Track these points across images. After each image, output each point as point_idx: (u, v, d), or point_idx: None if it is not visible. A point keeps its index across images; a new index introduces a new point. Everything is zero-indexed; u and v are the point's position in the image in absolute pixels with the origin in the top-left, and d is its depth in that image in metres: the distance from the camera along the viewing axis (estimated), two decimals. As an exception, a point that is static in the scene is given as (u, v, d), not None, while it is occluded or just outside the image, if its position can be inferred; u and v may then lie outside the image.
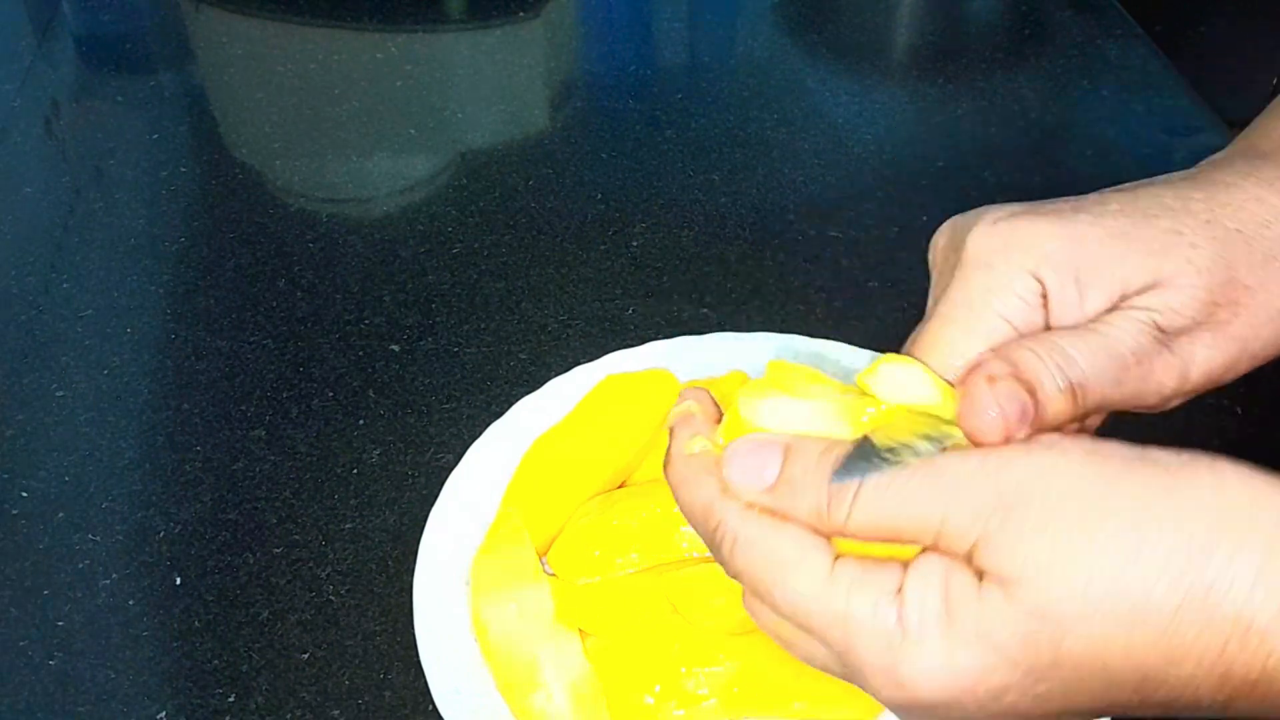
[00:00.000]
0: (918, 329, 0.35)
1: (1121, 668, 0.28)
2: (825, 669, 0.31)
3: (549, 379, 0.52)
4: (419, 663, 0.42)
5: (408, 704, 0.43)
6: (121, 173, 0.69)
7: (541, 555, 0.46)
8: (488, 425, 0.50)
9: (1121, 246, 0.33)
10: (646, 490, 0.47)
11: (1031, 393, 0.31)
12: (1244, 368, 0.34)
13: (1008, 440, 0.30)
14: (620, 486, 0.49)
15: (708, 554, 0.45)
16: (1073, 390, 0.31)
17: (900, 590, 0.29)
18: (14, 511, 0.50)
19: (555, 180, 0.68)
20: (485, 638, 0.43)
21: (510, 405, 0.51)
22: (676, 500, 0.33)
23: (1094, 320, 0.33)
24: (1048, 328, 0.34)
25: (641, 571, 0.45)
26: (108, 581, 0.47)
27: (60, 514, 0.50)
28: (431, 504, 0.47)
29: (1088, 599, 0.27)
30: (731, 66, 0.80)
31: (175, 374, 0.56)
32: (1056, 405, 0.31)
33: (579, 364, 0.52)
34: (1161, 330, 0.33)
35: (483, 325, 0.58)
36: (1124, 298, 0.33)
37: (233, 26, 0.84)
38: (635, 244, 0.63)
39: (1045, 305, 0.33)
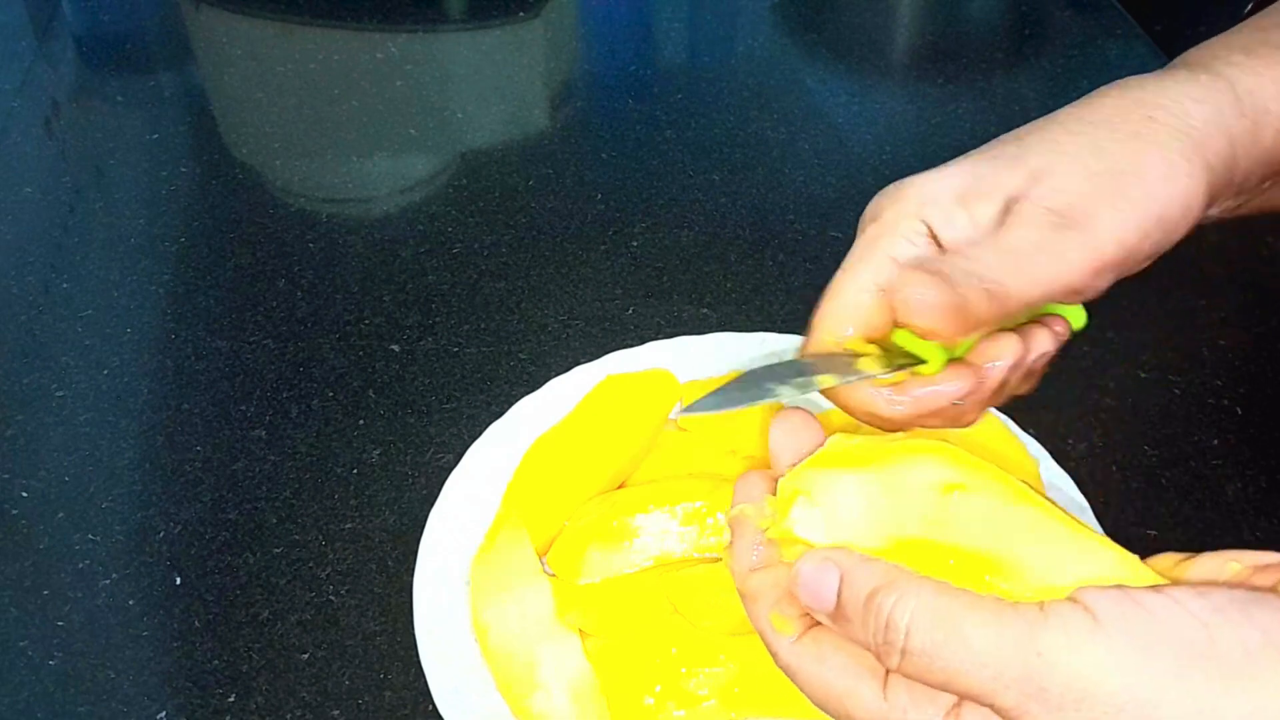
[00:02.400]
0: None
1: None
2: None
3: (549, 379, 0.52)
4: (419, 663, 0.42)
5: (408, 704, 0.43)
6: (121, 173, 0.70)
7: (541, 555, 0.46)
8: (488, 425, 0.50)
9: (995, 162, 0.37)
10: (646, 490, 0.47)
11: (953, 288, 0.34)
12: (1161, 238, 0.36)
13: (954, 333, 0.34)
14: (620, 487, 0.49)
15: (708, 554, 0.45)
16: (988, 291, 0.34)
17: (957, 711, 0.30)
18: (14, 511, 0.50)
19: (555, 180, 0.69)
20: (485, 638, 0.43)
21: (510, 405, 0.51)
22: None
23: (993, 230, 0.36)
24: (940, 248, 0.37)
25: (641, 571, 0.45)
26: (108, 581, 0.47)
27: (60, 514, 0.50)
28: (431, 504, 0.47)
29: None
30: (731, 66, 0.80)
31: (175, 374, 0.56)
32: (980, 304, 0.34)
33: (579, 364, 0.53)
34: (1056, 213, 0.35)
35: (483, 325, 0.58)
36: (1009, 201, 0.36)
37: (233, 26, 0.84)
38: (635, 244, 0.63)
39: (933, 240, 0.37)
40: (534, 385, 0.52)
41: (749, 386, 0.37)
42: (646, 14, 0.87)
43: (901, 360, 0.37)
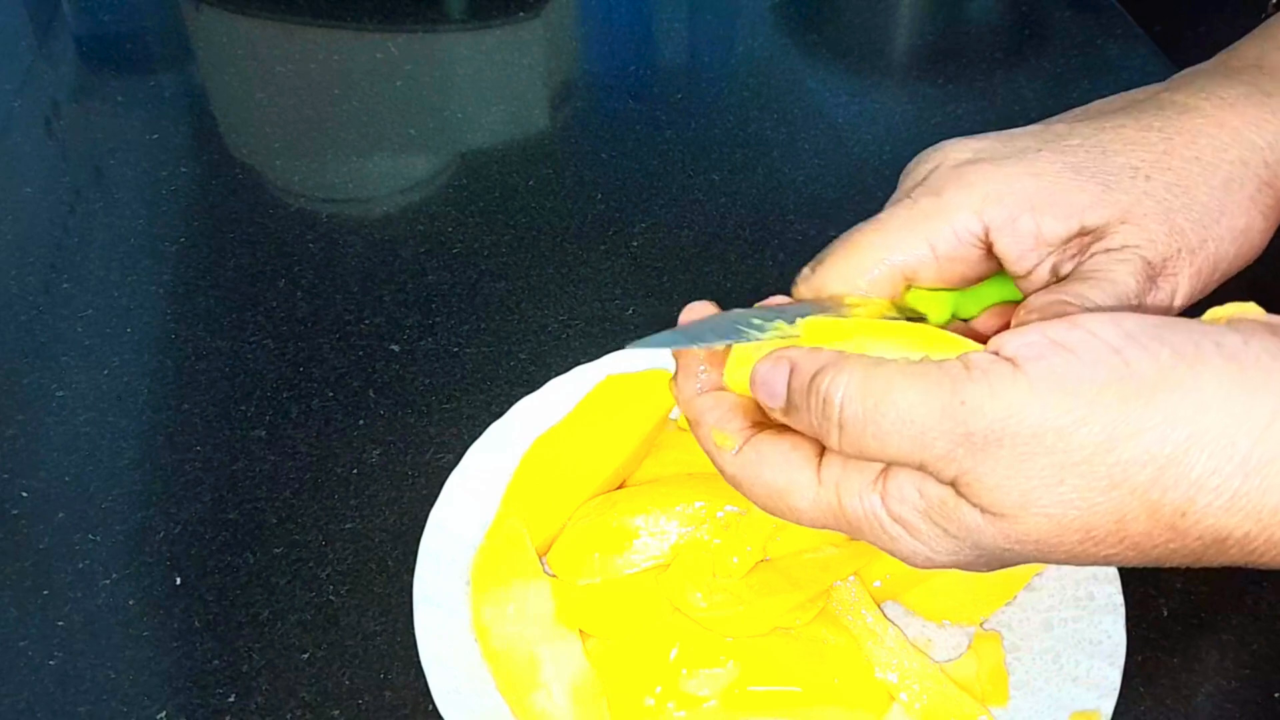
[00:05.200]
0: (858, 225, 0.37)
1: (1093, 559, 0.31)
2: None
3: (549, 379, 0.52)
4: (419, 663, 0.42)
5: (408, 704, 0.43)
6: (121, 173, 0.69)
7: (541, 555, 0.46)
8: (488, 425, 0.50)
9: (1078, 179, 0.35)
10: (646, 490, 0.47)
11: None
12: (1214, 284, 0.36)
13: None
14: (620, 486, 0.49)
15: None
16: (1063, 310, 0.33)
17: (881, 480, 0.32)
18: (14, 511, 0.50)
19: (555, 180, 0.68)
20: (485, 638, 0.43)
21: (510, 405, 0.51)
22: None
23: (1086, 265, 0.35)
24: (991, 259, 0.36)
25: (641, 571, 0.45)
26: (108, 581, 0.47)
27: (60, 514, 0.50)
28: (431, 504, 0.47)
29: (1064, 530, 0.29)
30: (731, 66, 0.80)
31: (175, 374, 0.56)
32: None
33: (579, 364, 0.52)
34: (1150, 265, 0.34)
35: (483, 325, 0.58)
36: (1084, 230, 0.35)
37: (233, 26, 0.84)
38: (635, 244, 0.63)
39: (985, 242, 0.36)
40: (534, 385, 0.52)
41: (720, 324, 0.36)
42: (646, 14, 0.87)
43: (902, 316, 0.36)
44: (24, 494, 0.51)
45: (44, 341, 0.58)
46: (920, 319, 0.37)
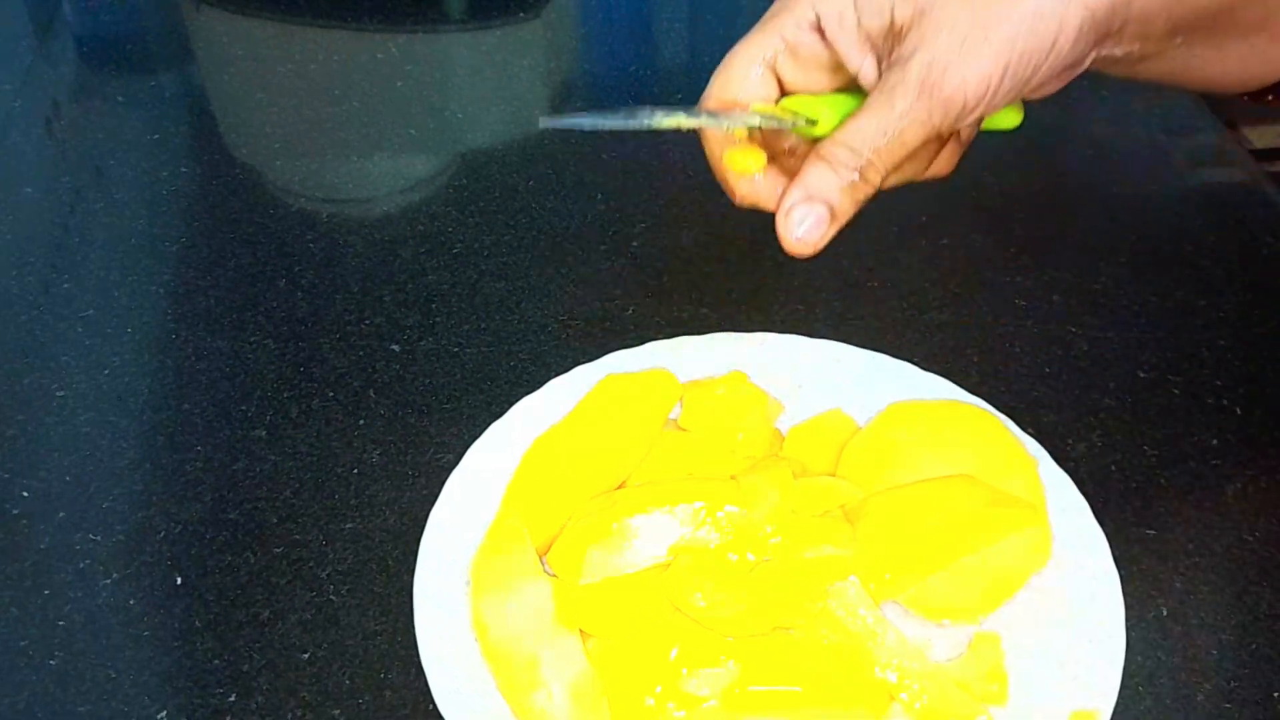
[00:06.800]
0: None
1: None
2: None
3: (549, 379, 0.52)
4: (419, 663, 0.42)
5: (408, 704, 0.43)
6: (121, 173, 0.70)
7: (541, 555, 0.46)
8: (488, 425, 0.50)
9: None
10: (646, 490, 0.47)
11: (828, 204, 0.41)
12: (1024, 71, 0.39)
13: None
14: (620, 487, 0.49)
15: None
16: (860, 173, 0.40)
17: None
18: (14, 511, 0.50)
19: (555, 180, 0.69)
20: (485, 638, 0.43)
21: (510, 405, 0.51)
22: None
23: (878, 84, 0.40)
24: (824, 40, 0.42)
25: (641, 572, 0.45)
26: (108, 581, 0.47)
27: (60, 514, 0.50)
28: (431, 504, 0.47)
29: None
30: (731, 66, 0.80)
31: (175, 374, 0.56)
32: (849, 196, 0.41)
33: (579, 364, 0.53)
34: (931, 67, 0.39)
35: (483, 325, 0.58)
36: (895, 25, 0.40)
37: (233, 26, 0.84)
38: (635, 244, 0.63)
39: (819, 30, 0.42)
40: (534, 385, 0.52)
41: (630, 111, 0.42)
42: (646, 14, 0.87)
43: (794, 120, 0.43)
44: (24, 494, 0.51)
45: (44, 341, 0.58)
46: (812, 122, 0.43)
